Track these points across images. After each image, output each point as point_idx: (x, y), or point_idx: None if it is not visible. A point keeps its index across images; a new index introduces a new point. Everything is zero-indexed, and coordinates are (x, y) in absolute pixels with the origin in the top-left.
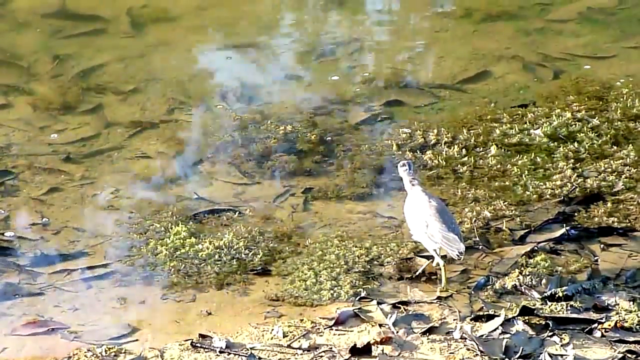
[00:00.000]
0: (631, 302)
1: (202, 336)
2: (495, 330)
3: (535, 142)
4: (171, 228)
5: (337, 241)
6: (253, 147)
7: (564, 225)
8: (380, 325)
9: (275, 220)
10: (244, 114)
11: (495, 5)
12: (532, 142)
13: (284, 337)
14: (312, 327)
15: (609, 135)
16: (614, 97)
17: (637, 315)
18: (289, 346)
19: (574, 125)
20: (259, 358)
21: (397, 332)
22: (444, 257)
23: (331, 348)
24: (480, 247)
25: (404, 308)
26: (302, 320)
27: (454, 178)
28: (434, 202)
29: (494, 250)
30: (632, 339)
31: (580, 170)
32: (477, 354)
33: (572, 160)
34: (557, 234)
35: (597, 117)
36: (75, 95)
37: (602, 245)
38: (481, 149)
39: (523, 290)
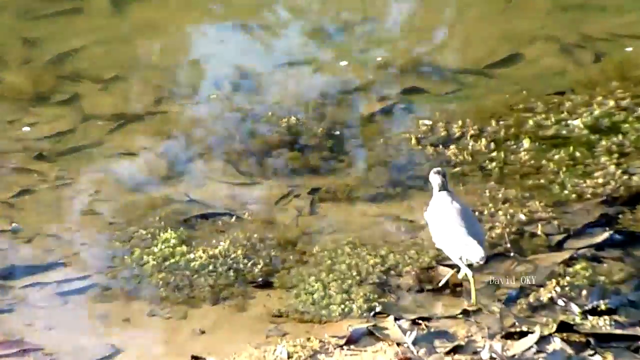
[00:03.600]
0: None
1: (195, 358)
2: (529, 349)
3: (574, 135)
4: (159, 235)
5: (348, 249)
6: (252, 142)
7: (607, 228)
8: (398, 344)
9: (277, 225)
10: (241, 105)
11: None
12: (570, 135)
13: (288, 358)
14: (321, 347)
15: None
16: None
17: None
18: None
19: (617, 115)
20: None
21: (417, 352)
22: (471, 266)
23: None
24: (512, 254)
25: (425, 324)
26: (309, 339)
27: (482, 176)
28: (457, 204)
29: (528, 258)
30: None
31: (625, 166)
32: None
33: (616, 155)
34: (600, 239)
35: None
36: (48, 83)
37: None
38: (512, 142)
39: (561, 303)
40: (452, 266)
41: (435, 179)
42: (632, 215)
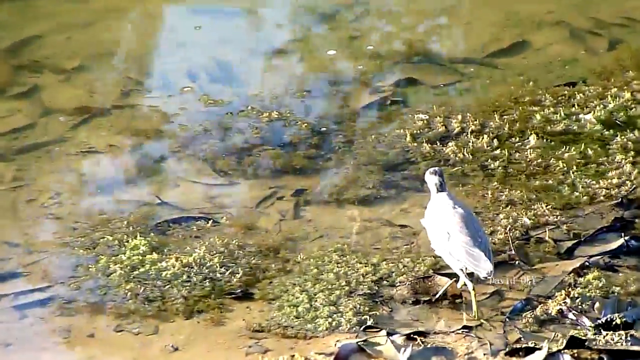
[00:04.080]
0: None
1: None
2: None
3: (586, 130)
4: (127, 241)
5: (336, 256)
6: (230, 139)
7: (622, 234)
8: None
9: (258, 230)
10: (218, 98)
11: None
12: (581, 130)
13: None
14: None
15: None
16: None
17: None
18: None
19: (634, 109)
20: None
21: None
22: (470, 275)
23: None
24: (517, 262)
25: (420, 340)
26: (293, 356)
27: (484, 176)
28: (459, 209)
29: (534, 267)
30: None
31: None
32: None
33: (632, 153)
34: (614, 245)
35: None
36: (3, 74)
37: None
38: (517, 139)
39: (571, 316)
40: (450, 275)
41: (431, 180)
42: None
